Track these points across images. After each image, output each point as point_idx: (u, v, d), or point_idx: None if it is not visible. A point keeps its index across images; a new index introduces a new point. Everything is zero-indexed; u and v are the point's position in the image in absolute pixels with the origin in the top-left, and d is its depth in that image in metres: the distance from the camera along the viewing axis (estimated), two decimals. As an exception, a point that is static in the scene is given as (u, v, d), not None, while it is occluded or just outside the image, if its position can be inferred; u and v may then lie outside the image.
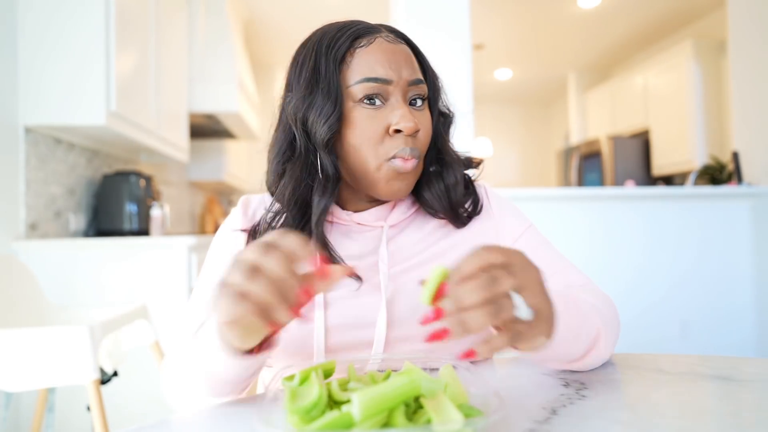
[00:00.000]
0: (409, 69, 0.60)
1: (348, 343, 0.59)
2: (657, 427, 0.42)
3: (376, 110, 0.59)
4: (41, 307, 1.49)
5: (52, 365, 1.16)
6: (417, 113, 0.61)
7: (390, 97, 0.59)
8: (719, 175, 3.12)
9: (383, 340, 0.58)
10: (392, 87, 0.59)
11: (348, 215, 0.65)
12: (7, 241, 1.86)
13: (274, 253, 0.39)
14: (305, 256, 0.40)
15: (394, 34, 0.63)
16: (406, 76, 0.59)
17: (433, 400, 0.37)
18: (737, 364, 0.60)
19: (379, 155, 0.59)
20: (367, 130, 0.58)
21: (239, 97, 3.31)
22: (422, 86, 0.61)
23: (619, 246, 2.50)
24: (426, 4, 2.36)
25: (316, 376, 0.42)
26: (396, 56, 0.60)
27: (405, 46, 0.62)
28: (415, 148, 0.59)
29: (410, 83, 0.60)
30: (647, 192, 2.50)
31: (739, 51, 3.02)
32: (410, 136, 0.59)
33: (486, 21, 4.20)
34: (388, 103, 0.59)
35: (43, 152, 2.07)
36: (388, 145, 0.58)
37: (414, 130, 0.58)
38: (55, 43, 1.93)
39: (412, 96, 0.61)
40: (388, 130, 0.58)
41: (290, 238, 0.40)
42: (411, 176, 0.61)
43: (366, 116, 0.58)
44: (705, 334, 2.52)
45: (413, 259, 0.64)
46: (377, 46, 0.60)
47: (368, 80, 0.58)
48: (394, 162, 0.58)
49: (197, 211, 4.17)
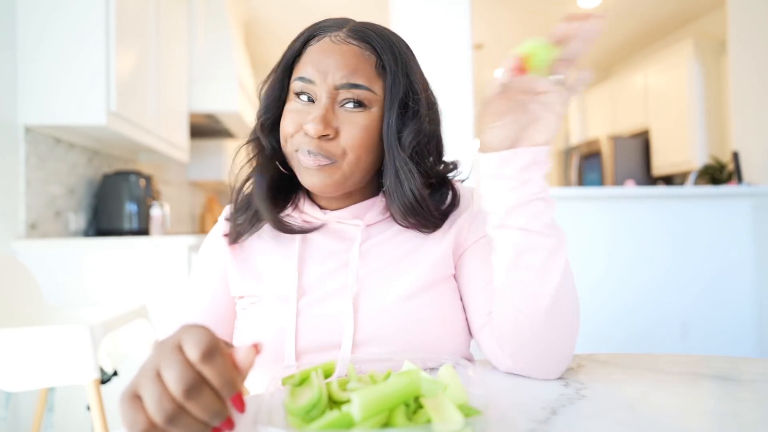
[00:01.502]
0: (342, 71, 0.59)
1: (318, 341, 0.60)
2: (657, 427, 0.42)
3: (304, 106, 0.61)
4: (41, 306, 1.49)
5: (52, 365, 1.16)
6: (345, 115, 0.60)
7: (319, 97, 0.60)
8: (719, 175, 3.12)
9: (350, 339, 0.59)
10: (317, 88, 0.60)
11: (324, 213, 0.67)
12: (6, 241, 1.86)
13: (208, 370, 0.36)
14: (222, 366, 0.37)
15: (349, 34, 0.62)
16: (331, 80, 0.59)
17: (433, 400, 0.37)
18: (737, 364, 0.60)
19: (291, 146, 0.62)
20: (289, 122, 0.61)
21: (239, 96, 3.31)
22: (355, 91, 0.59)
23: (619, 246, 2.50)
24: (426, 4, 2.36)
25: (316, 376, 0.42)
26: (330, 58, 0.60)
27: (354, 46, 0.61)
28: (321, 150, 0.59)
29: (338, 87, 0.59)
30: (647, 192, 2.50)
31: (739, 51, 3.02)
32: (318, 139, 0.58)
33: (486, 21, 4.20)
34: (317, 102, 0.60)
35: (43, 152, 2.07)
36: (298, 140, 0.60)
37: (318, 134, 0.58)
38: (55, 43, 1.93)
39: (343, 99, 0.60)
40: (303, 127, 0.60)
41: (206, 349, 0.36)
42: (326, 173, 0.60)
43: (293, 109, 0.61)
44: (705, 334, 2.52)
45: (385, 257, 0.64)
46: (319, 46, 0.61)
47: (298, 78, 0.61)
48: (299, 155, 0.61)
49: (197, 210, 4.17)
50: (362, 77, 0.60)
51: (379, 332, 0.60)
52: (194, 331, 0.37)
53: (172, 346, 0.36)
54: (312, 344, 0.60)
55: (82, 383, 1.21)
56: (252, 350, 0.40)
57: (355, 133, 0.59)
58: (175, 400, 0.35)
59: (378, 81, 0.61)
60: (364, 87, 0.59)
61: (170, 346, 0.36)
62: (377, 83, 0.61)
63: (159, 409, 0.34)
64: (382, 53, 0.61)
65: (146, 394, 0.35)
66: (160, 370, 0.36)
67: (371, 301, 0.61)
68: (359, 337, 0.60)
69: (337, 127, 0.59)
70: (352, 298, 0.61)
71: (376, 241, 0.65)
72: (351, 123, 0.60)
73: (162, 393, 0.35)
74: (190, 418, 0.35)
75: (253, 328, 0.63)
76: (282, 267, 0.65)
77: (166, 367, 0.35)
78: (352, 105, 0.60)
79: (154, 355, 0.37)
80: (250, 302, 0.65)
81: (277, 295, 0.63)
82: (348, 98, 0.60)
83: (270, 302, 0.63)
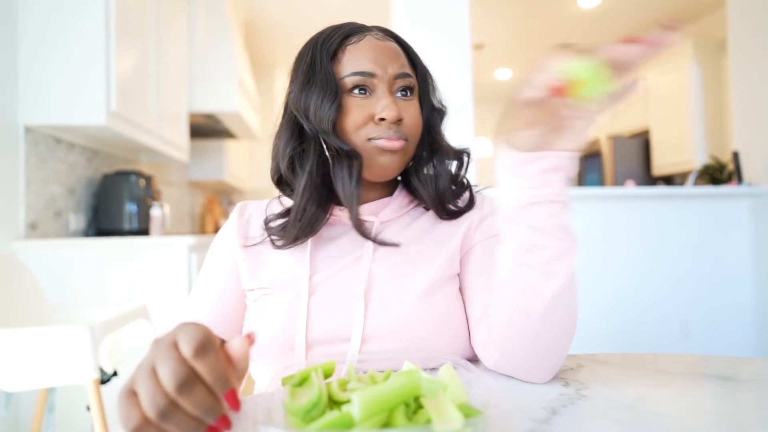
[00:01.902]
0: (395, 63, 0.65)
1: (328, 333, 0.61)
2: (657, 427, 0.42)
3: (364, 99, 0.64)
4: (41, 307, 1.49)
5: (53, 365, 1.16)
6: (403, 103, 0.66)
7: (376, 88, 0.65)
8: (719, 175, 3.12)
9: (360, 332, 0.60)
10: (377, 80, 0.64)
11: (341, 210, 0.68)
12: (7, 241, 1.86)
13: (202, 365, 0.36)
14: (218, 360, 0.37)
15: (383, 33, 0.69)
16: (391, 70, 0.65)
17: (433, 400, 0.37)
18: (737, 364, 0.60)
19: (362, 136, 0.64)
20: (356, 116, 0.64)
21: (239, 96, 3.32)
22: (408, 79, 0.66)
23: (619, 246, 2.50)
24: (426, 4, 2.36)
25: (316, 376, 0.42)
26: (382, 52, 0.65)
27: (393, 43, 0.68)
28: (399, 131, 0.64)
29: (396, 76, 0.65)
30: (647, 192, 2.50)
31: (739, 51, 3.02)
32: (394, 123, 0.63)
33: (486, 21, 4.20)
34: (375, 94, 0.65)
35: (43, 152, 2.07)
36: (371, 129, 0.64)
37: (397, 118, 0.63)
38: (55, 43, 1.93)
39: (398, 87, 0.66)
40: (373, 117, 0.64)
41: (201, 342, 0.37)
42: (398, 155, 0.65)
43: (355, 104, 0.64)
44: (705, 334, 2.52)
45: (398, 254, 0.66)
46: (366, 42, 0.66)
47: (356, 74, 0.64)
48: (379, 142, 0.63)
49: (197, 210, 4.17)
50: (407, 67, 0.67)
51: (389, 327, 0.60)
52: (189, 328, 0.38)
53: (168, 343, 0.37)
54: (322, 336, 0.61)
55: (82, 383, 1.21)
56: (246, 340, 0.40)
57: (415, 118, 0.67)
58: (168, 396, 0.35)
59: (413, 72, 0.69)
60: (411, 75, 0.67)
61: (166, 343, 0.37)
62: (414, 74, 0.69)
63: (152, 404, 0.35)
64: (408, 50, 0.70)
65: (141, 390, 0.36)
66: (155, 367, 0.36)
67: (382, 296, 0.62)
68: (368, 331, 0.60)
69: (402, 114, 0.65)
70: (363, 291, 0.62)
71: (389, 233, 0.68)
72: (410, 110, 0.66)
73: (155, 388, 0.35)
74: (183, 414, 0.36)
75: (265, 318, 0.63)
76: (294, 260, 0.66)
77: (160, 364, 0.36)
78: (405, 93, 0.66)
79: (150, 352, 0.38)
80: (262, 294, 0.66)
81: (289, 286, 0.64)
82: (402, 86, 0.66)
83: (282, 293, 0.64)
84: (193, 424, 0.36)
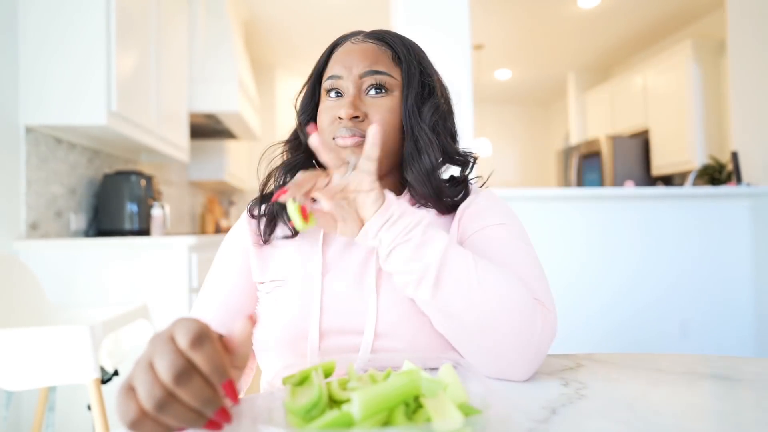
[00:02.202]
0: (364, 63, 0.68)
1: (341, 324, 0.62)
2: (656, 427, 0.42)
3: (335, 101, 0.68)
4: (42, 306, 1.49)
5: (53, 364, 1.17)
6: (370, 101, 0.67)
7: (347, 90, 0.68)
8: (718, 175, 3.12)
9: (373, 327, 0.61)
10: (344, 81, 0.68)
11: None
12: (8, 241, 1.86)
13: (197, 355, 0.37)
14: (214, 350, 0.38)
15: (366, 36, 0.72)
16: (356, 70, 0.67)
17: (433, 400, 0.37)
18: (737, 364, 0.60)
19: (328, 135, 0.68)
20: (325, 117, 0.68)
21: (239, 96, 3.32)
22: (377, 77, 0.67)
23: (618, 246, 2.50)
24: (426, 4, 2.36)
25: (316, 376, 0.42)
26: (352, 54, 0.69)
27: (371, 44, 0.70)
28: (355, 128, 0.65)
29: (362, 75, 0.67)
30: (647, 192, 2.50)
31: (738, 51, 3.02)
32: (350, 120, 0.65)
33: (486, 21, 4.20)
34: (346, 96, 0.68)
35: (44, 152, 2.07)
36: (334, 127, 0.67)
37: (350, 116, 0.65)
38: (56, 43, 1.93)
39: (367, 86, 0.68)
40: (336, 117, 0.67)
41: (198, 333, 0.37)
42: (358, 152, 0.65)
43: (326, 107, 0.69)
44: (705, 334, 2.52)
45: None
46: (342, 48, 0.71)
47: (328, 78, 0.69)
48: (338, 140, 0.66)
49: (198, 211, 4.17)
50: (382, 65, 0.68)
51: (401, 320, 0.61)
52: (185, 321, 0.38)
53: (165, 337, 0.38)
54: (335, 326, 0.62)
55: (83, 383, 1.21)
56: (248, 322, 0.41)
57: (382, 114, 0.67)
58: (165, 387, 0.36)
59: (396, 69, 0.69)
60: (384, 72, 0.68)
61: (163, 338, 0.38)
62: (395, 71, 0.69)
63: (149, 396, 0.35)
64: (395, 47, 0.70)
65: (138, 383, 0.36)
66: (152, 360, 0.37)
67: (392, 292, 0.63)
68: (381, 324, 0.61)
69: (366, 111, 0.67)
70: (374, 287, 0.62)
71: None
72: (377, 106, 0.67)
73: (153, 380, 0.36)
74: (181, 405, 0.36)
75: (278, 309, 0.64)
76: (307, 252, 0.67)
77: (157, 357, 0.36)
78: (376, 91, 0.68)
79: (148, 347, 0.38)
80: (275, 286, 0.67)
81: (302, 277, 0.65)
82: (371, 84, 0.67)
83: (295, 284, 0.65)
84: (192, 416, 0.37)
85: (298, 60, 4.91)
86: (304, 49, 4.65)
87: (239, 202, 5.09)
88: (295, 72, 5.19)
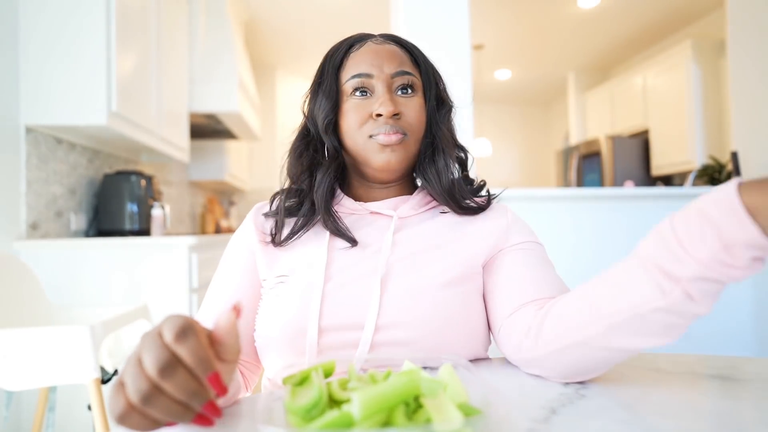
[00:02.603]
0: (392, 63, 0.69)
1: (341, 320, 0.61)
2: (656, 427, 0.42)
3: (363, 100, 0.69)
4: (42, 306, 1.49)
5: (54, 364, 1.17)
6: (402, 100, 0.69)
7: (375, 89, 0.68)
8: (718, 175, 3.12)
9: (374, 321, 0.60)
10: (375, 80, 0.68)
11: (360, 205, 0.71)
12: (8, 241, 1.86)
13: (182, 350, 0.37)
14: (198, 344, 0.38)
15: (384, 38, 0.73)
16: (387, 69, 0.68)
17: (433, 400, 0.37)
18: (737, 364, 0.60)
19: (363, 133, 0.68)
20: (355, 116, 0.68)
21: (239, 97, 3.32)
22: (407, 77, 0.69)
23: (618, 246, 2.50)
24: (426, 4, 2.36)
25: (316, 376, 0.42)
26: (380, 54, 0.69)
27: (393, 46, 0.72)
28: (396, 125, 0.67)
29: (393, 75, 0.69)
30: (647, 192, 2.50)
31: (738, 51, 3.02)
32: (391, 118, 0.67)
33: (486, 21, 4.20)
34: (375, 95, 0.69)
35: (44, 152, 2.07)
36: (371, 126, 0.68)
37: (392, 113, 0.66)
38: (56, 43, 1.94)
39: (398, 86, 0.69)
40: (372, 115, 0.67)
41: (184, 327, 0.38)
42: (398, 150, 0.68)
43: (355, 105, 0.69)
44: (704, 334, 2.52)
45: (416, 247, 0.67)
46: (365, 48, 0.71)
47: (354, 76, 0.69)
48: (378, 138, 0.67)
49: (198, 211, 4.17)
50: (408, 66, 0.70)
51: (403, 316, 0.60)
52: (172, 317, 0.39)
53: (153, 333, 0.39)
54: (336, 322, 0.61)
55: (83, 383, 1.21)
56: (232, 312, 0.41)
57: (414, 113, 0.69)
58: (151, 380, 0.37)
59: (416, 71, 0.72)
60: (411, 74, 0.70)
61: (151, 335, 0.39)
62: (416, 73, 0.71)
63: (135, 389, 0.36)
64: (413, 51, 0.73)
65: (126, 378, 0.37)
66: (140, 355, 0.38)
67: (399, 286, 0.63)
68: (382, 320, 0.61)
69: (401, 110, 0.68)
70: (380, 280, 0.62)
71: (408, 233, 0.69)
72: (408, 106, 0.69)
73: (139, 374, 0.37)
74: (167, 398, 0.37)
75: (279, 305, 0.64)
76: (313, 250, 0.67)
77: (144, 351, 0.38)
78: (405, 91, 0.69)
79: (138, 345, 0.39)
80: (278, 282, 0.67)
81: (305, 273, 0.65)
82: (402, 84, 0.69)
83: (297, 280, 0.65)
84: (179, 409, 0.37)
85: (298, 60, 4.91)
86: (304, 50, 4.65)
87: (239, 202, 5.09)
88: (296, 72, 5.19)
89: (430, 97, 0.72)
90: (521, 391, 0.53)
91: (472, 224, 0.70)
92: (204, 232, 4.08)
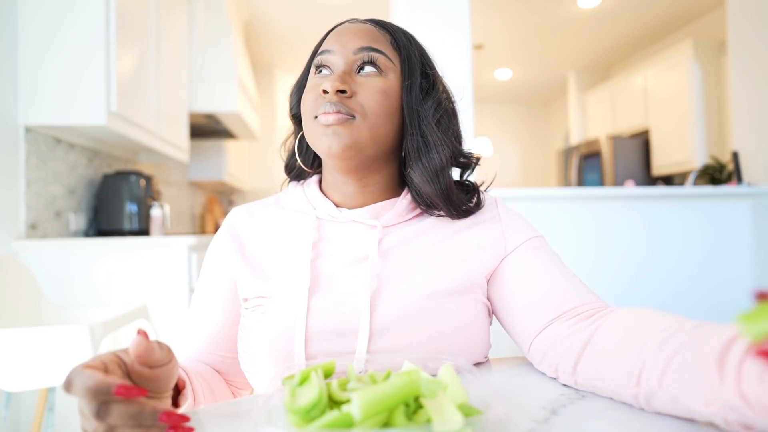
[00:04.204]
0: (358, 39, 0.62)
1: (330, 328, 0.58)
2: (657, 427, 0.42)
3: (321, 78, 0.63)
4: (41, 307, 1.49)
5: (53, 365, 1.16)
6: (360, 79, 0.61)
7: (336, 66, 0.62)
8: (719, 175, 3.12)
9: (366, 335, 0.57)
10: (335, 56, 0.62)
11: (340, 212, 0.65)
12: (7, 241, 1.86)
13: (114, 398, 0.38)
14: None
15: (365, 20, 0.67)
16: (351, 45, 0.62)
17: (433, 400, 0.37)
18: (737, 364, 0.60)
19: (311, 114, 0.62)
20: (308, 95, 0.63)
21: (239, 96, 3.32)
22: (372, 53, 0.62)
23: (618, 246, 2.50)
24: (426, 4, 2.36)
25: (316, 376, 0.42)
26: (348, 32, 0.64)
27: (369, 25, 0.65)
28: (341, 104, 0.59)
29: (355, 51, 0.62)
30: (647, 192, 2.50)
31: (738, 51, 3.02)
32: (335, 95, 0.59)
33: (486, 21, 4.20)
34: (334, 70, 0.62)
35: (44, 152, 2.07)
36: (316, 104, 0.61)
37: (336, 89, 0.58)
38: (55, 43, 1.93)
39: (361, 64, 0.62)
40: (321, 93, 0.60)
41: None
42: (342, 133, 0.59)
43: (312, 84, 0.64)
44: (705, 334, 2.52)
45: (404, 259, 0.63)
46: (338, 28, 0.66)
47: (317, 53, 0.65)
48: (320, 118, 0.60)
49: (197, 211, 4.17)
50: (380, 45, 0.63)
51: (396, 324, 0.58)
52: (80, 384, 0.38)
53: (79, 401, 0.39)
54: (323, 330, 0.58)
55: (82, 383, 1.21)
56: (140, 337, 0.41)
57: (373, 94, 0.61)
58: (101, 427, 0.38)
59: (394, 54, 0.64)
60: (380, 51, 0.62)
61: (78, 401, 0.39)
62: (394, 56, 0.64)
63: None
64: (395, 33, 0.66)
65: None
66: (82, 421, 0.39)
67: (390, 293, 0.60)
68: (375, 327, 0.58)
69: (355, 89, 0.60)
70: (369, 288, 0.59)
71: (395, 242, 0.64)
72: (368, 85, 0.61)
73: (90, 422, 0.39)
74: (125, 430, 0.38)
75: (263, 325, 0.61)
76: (294, 265, 0.63)
77: (84, 422, 0.39)
78: (369, 69, 0.62)
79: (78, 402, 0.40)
80: (257, 304, 0.63)
81: (289, 291, 0.61)
82: (365, 61, 0.62)
83: (281, 299, 0.61)
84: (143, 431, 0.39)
85: (297, 60, 4.91)
86: (304, 49, 4.65)
87: (239, 202, 5.09)
88: (295, 72, 5.19)
89: (412, 85, 0.63)
90: (521, 391, 0.53)
91: (466, 231, 0.65)
92: (203, 232, 4.08)
